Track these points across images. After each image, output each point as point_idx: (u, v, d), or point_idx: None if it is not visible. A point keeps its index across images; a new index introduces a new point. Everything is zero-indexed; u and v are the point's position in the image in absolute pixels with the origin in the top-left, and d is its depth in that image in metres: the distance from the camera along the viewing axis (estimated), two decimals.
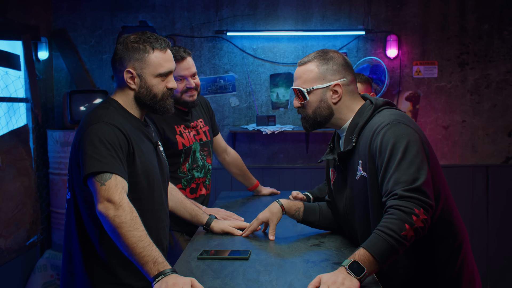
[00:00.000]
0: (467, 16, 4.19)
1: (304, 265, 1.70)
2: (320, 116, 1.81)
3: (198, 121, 2.67)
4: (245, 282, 1.56)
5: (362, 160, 1.72)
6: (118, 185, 1.62)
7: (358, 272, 1.47)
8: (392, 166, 1.59)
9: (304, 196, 2.59)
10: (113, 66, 1.83)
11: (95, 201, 1.62)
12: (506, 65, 4.21)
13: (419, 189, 1.55)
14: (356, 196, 1.78)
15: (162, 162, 1.93)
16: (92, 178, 1.63)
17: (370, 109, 1.76)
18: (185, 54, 2.51)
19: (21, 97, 3.72)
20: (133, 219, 1.58)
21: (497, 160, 4.25)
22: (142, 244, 1.54)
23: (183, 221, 2.55)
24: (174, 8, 4.23)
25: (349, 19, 4.22)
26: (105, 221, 1.59)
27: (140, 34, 1.80)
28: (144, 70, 1.78)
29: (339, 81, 1.79)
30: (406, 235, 1.50)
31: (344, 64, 1.81)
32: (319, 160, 2.21)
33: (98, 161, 1.63)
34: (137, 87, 1.80)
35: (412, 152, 1.60)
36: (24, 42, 3.69)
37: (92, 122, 1.70)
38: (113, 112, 1.76)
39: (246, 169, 2.97)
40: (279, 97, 4.27)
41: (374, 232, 1.54)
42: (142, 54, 1.78)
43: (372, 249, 1.49)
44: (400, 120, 1.66)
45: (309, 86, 1.80)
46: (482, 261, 4.20)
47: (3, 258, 3.37)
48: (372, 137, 1.67)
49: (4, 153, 3.42)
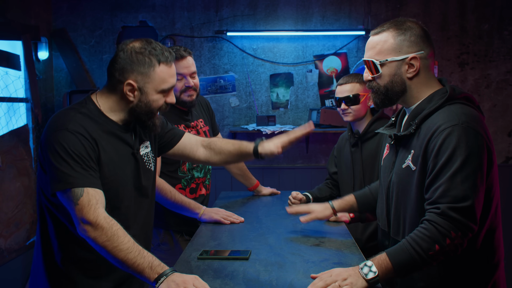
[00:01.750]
0: (467, 16, 4.19)
1: (304, 265, 1.70)
2: (392, 91, 1.65)
3: (198, 121, 2.67)
4: (245, 282, 1.56)
5: (415, 151, 1.59)
6: (91, 200, 1.53)
7: (369, 273, 1.45)
8: (446, 174, 1.46)
9: (303, 196, 2.59)
10: (111, 72, 1.68)
11: (75, 222, 1.55)
12: (506, 65, 4.21)
13: (465, 209, 1.44)
14: (397, 183, 1.67)
15: (140, 168, 1.78)
16: (64, 194, 1.55)
17: (443, 98, 1.58)
18: (185, 53, 2.51)
19: (21, 97, 3.72)
20: (114, 234, 1.52)
21: (497, 160, 4.24)
22: (132, 255, 1.51)
23: (183, 221, 2.55)
24: (174, 8, 4.23)
25: (349, 19, 4.22)
26: (90, 242, 1.54)
27: (145, 43, 1.66)
28: (147, 85, 1.66)
29: (416, 54, 1.61)
30: (433, 256, 1.44)
31: (423, 36, 1.62)
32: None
33: (67, 175, 1.53)
34: (136, 100, 1.67)
35: (472, 166, 1.46)
36: (24, 42, 3.69)
37: (57, 128, 1.58)
38: (83, 117, 1.63)
39: (246, 169, 2.97)
40: (279, 97, 4.27)
41: (403, 241, 1.48)
42: (147, 68, 1.65)
43: (393, 258, 1.46)
44: (471, 124, 1.49)
45: (382, 58, 1.63)
46: None
47: (3, 258, 3.37)
48: (434, 133, 1.52)
49: (4, 153, 3.42)
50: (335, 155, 2.79)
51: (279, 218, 2.36)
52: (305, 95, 4.26)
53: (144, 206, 1.84)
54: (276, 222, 2.27)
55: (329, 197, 2.74)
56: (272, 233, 2.11)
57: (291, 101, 4.27)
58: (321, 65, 4.24)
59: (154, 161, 1.90)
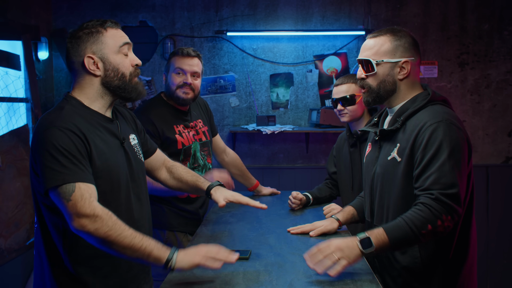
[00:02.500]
0: (467, 16, 4.19)
1: (304, 265, 1.70)
2: (384, 90, 1.82)
3: (198, 121, 2.68)
4: (245, 282, 1.56)
5: (401, 144, 1.75)
6: (84, 194, 1.51)
7: (366, 246, 1.60)
8: (435, 164, 1.63)
9: (303, 196, 2.59)
10: (70, 62, 1.69)
11: (67, 219, 1.52)
12: (506, 65, 4.21)
13: (454, 195, 1.61)
14: (382, 174, 1.82)
15: (131, 159, 1.76)
16: (54, 191, 1.52)
17: (425, 99, 1.78)
18: (193, 53, 2.54)
19: (21, 97, 3.71)
20: (115, 222, 1.51)
21: (497, 160, 4.25)
22: (137, 240, 1.51)
23: (186, 222, 2.56)
24: (174, 8, 4.23)
25: (349, 19, 4.22)
26: (88, 237, 1.51)
27: (86, 22, 1.69)
28: (103, 51, 1.66)
29: (408, 59, 1.81)
30: (425, 234, 1.60)
31: (414, 44, 1.84)
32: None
33: (57, 172, 1.51)
34: (102, 72, 1.67)
35: (457, 156, 1.64)
36: (24, 42, 3.69)
37: (46, 127, 1.57)
38: (68, 113, 1.62)
39: (245, 169, 2.97)
40: (279, 97, 4.27)
41: (398, 219, 1.63)
42: (96, 35, 1.66)
43: (390, 233, 1.61)
44: (453, 121, 1.69)
45: (379, 58, 1.81)
46: (482, 261, 4.19)
47: (3, 258, 3.37)
48: (422, 128, 1.69)
49: (4, 153, 3.42)
50: (334, 155, 2.79)
51: (279, 218, 2.36)
52: (305, 95, 4.26)
53: (142, 197, 1.82)
54: (276, 222, 2.27)
55: (329, 197, 2.74)
56: (272, 233, 2.11)
57: (291, 101, 4.27)
58: (321, 65, 4.24)
59: (142, 153, 1.89)
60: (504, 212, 4.24)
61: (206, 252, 1.57)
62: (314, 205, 2.65)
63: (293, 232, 2.10)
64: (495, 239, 4.24)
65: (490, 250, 4.25)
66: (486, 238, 4.24)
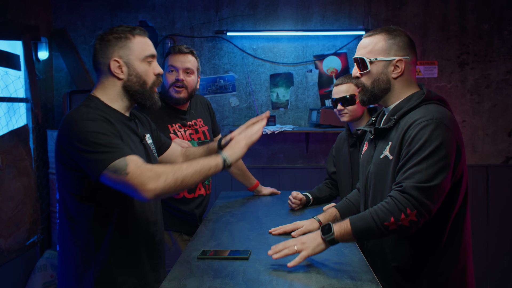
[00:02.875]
0: (467, 16, 4.19)
1: (304, 265, 1.70)
2: (378, 88, 1.82)
3: (197, 120, 2.67)
4: (245, 282, 1.56)
5: (392, 142, 1.75)
6: (137, 162, 1.56)
7: (326, 232, 1.66)
8: (414, 160, 1.63)
9: (303, 196, 2.60)
10: (96, 62, 1.78)
11: (133, 194, 1.56)
12: (506, 65, 4.21)
13: (425, 189, 1.59)
14: (375, 173, 1.83)
15: (150, 156, 1.89)
16: (106, 174, 1.56)
17: (419, 98, 1.77)
18: (185, 50, 2.54)
19: (21, 97, 3.72)
20: (172, 166, 1.60)
21: (497, 160, 4.25)
22: (195, 164, 1.64)
23: (180, 222, 2.55)
24: (174, 8, 4.23)
25: (349, 19, 4.22)
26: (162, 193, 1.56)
27: (116, 27, 1.79)
28: (130, 57, 1.76)
29: (402, 57, 1.80)
30: (388, 226, 1.61)
31: (409, 43, 1.82)
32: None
33: (103, 153, 1.56)
34: (126, 76, 1.76)
35: (439, 155, 1.62)
36: (24, 42, 3.69)
37: (77, 120, 1.63)
38: (94, 110, 1.70)
39: (246, 169, 2.97)
40: (279, 97, 4.27)
41: (366, 211, 1.67)
42: (124, 41, 1.75)
43: (353, 223, 1.65)
44: (444, 121, 1.67)
45: (372, 56, 1.81)
46: (482, 261, 4.20)
47: (3, 258, 3.37)
48: (410, 126, 1.69)
49: (4, 153, 3.42)
50: (333, 155, 2.79)
51: (279, 218, 2.36)
52: (305, 95, 4.26)
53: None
54: (276, 222, 2.27)
55: (328, 197, 2.74)
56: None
57: (291, 101, 4.27)
58: (321, 65, 4.24)
59: (156, 150, 2.02)
60: (504, 212, 4.24)
61: (244, 136, 1.78)
62: (314, 205, 2.65)
63: (275, 233, 2.07)
64: (495, 239, 4.24)
65: (490, 250, 4.25)
66: (486, 238, 4.24)
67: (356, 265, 1.70)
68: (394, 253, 1.79)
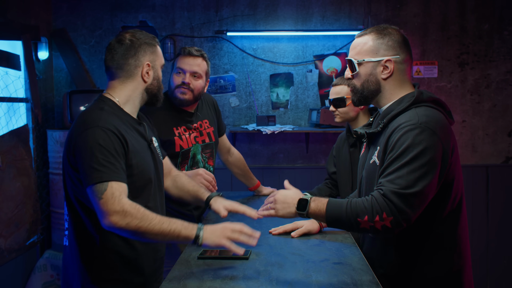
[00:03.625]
0: (467, 16, 4.19)
1: (304, 265, 1.70)
2: (367, 90, 1.77)
3: (203, 121, 2.63)
4: (245, 282, 1.56)
5: (380, 147, 1.70)
6: (114, 193, 1.61)
7: (301, 208, 1.68)
8: (395, 165, 1.58)
9: None
10: (125, 62, 1.81)
11: (98, 217, 1.63)
12: (506, 65, 4.21)
13: (405, 196, 1.54)
14: (366, 178, 1.80)
15: (156, 160, 1.92)
16: (90, 189, 1.63)
17: (410, 100, 1.69)
18: (195, 52, 2.50)
19: (21, 97, 3.72)
20: (143, 214, 1.62)
21: (497, 160, 4.25)
22: (166, 225, 1.63)
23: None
24: (174, 8, 4.23)
25: (349, 19, 4.22)
26: (120, 231, 1.62)
27: (142, 32, 1.88)
28: (156, 62, 1.88)
29: (391, 57, 1.73)
30: (360, 223, 1.58)
31: (400, 41, 1.75)
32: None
33: (95, 170, 1.62)
34: (151, 80, 1.86)
35: (421, 161, 1.56)
36: (24, 42, 3.69)
37: (88, 126, 1.68)
38: (108, 114, 1.74)
39: (248, 169, 2.97)
40: (279, 97, 4.27)
41: (346, 199, 1.65)
42: (153, 47, 1.87)
43: (329, 207, 1.64)
44: (430, 125, 1.60)
45: (360, 58, 1.77)
46: (482, 261, 4.20)
47: (3, 258, 3.37)
48: (395, 130, 1.64)
49: (4, 153, 3.42)
50: (334, 155, 2.79)
51: (279, 218, 2.36)
52: (305, 95, 4.26)
53: (163, 194, 1.99)
54: (276, 222, 2.26)
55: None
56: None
57: (291, 101, 4.27)
58: (321, 65, 4.24)
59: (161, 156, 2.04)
60: (504, 212, 4.24)
61: (231, 232, 1.68)
62: None
63: (275, 233, 2.08)
64: (495, 239, 4.24)
65: (490, 250, 4.25)
66: (486, 238, 4.24)
67: (356, 265, 1.70)
68: (380, 260, 1.75)
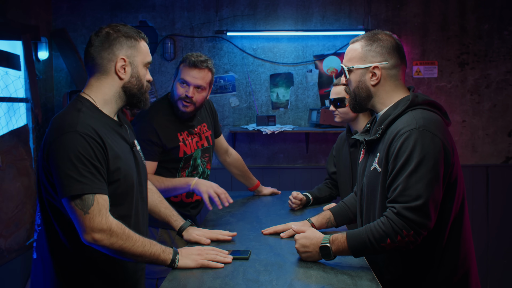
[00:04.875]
0: (467, 16, 4.19)
1: (304, 265, 1.70)
2: (359, 96, 1.79)
3: (202, 125, 2.64)
4: (245, 282, 1.56)
5: (380, 154, 1.70)
6: (101, 209, 1.54)
7: (325, 256, 1.70)
8: (402, 175, 1.59)
9: (303, 196, 2.59)
10: (94, 58, 1.68)
11: (79, 230, 1.54)
12: (506, 65, 4.21)
13: (418, 208, 1.56)
14: (367, 185, 1.79)
15: (139, 164, 1.81)
16: (71, 201, 1.52)
17: (405, 104, 1.69)
18: (201, 65, 2.40)
19: (21, 97, 3.71)
20: (128, 235, 1.58)
21: (497, 160, 4.25)
22: (147, 247, 1.63)
23: None
24: (174, 8, 4.23)
25: (349, 19, 4.22)
26: (102, 249, 1.57)
27: (119, 25, 1.73)
28: (136, 58, 1.71)
29: (378, 64, 1.73)
30: (384, 247, 1.61)
31: (390, 48, 1.74)
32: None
33: (76, 181, 1.51)
34: (128, 77, 1.70)
35: (426, 166, 1.57)
36: (24, 42, 3.69)
37: (65, 131, 1.55)
38: (85, 116, 1.61)
39: (247, 170, 2.97)
40: (279, 97, 4.27)
41: (364, 227, 1.66)
42: (133, 42, 1.71)
43: (349, 241, 1.66)
44: (428, 127, 1.61)
45: (350, 65, 1.79)
46: (482, 261, 4.19)
47: (3, 258, 3.37)
48: (395, 137, 1.64)
49: (4, 153, 3.42)
50: (334, 155, 2.79)
51: (279, 218, 2.36)
52: (305, 95, 4.26)
53: (145, 200, 1.86)
54: (276, 222, 2.27)
55: (328, 197, 2.74)
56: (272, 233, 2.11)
57: (291, 101, 4.27)
58: (321, 65, 4.24)
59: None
60: (504, 212, 4.24)
61: (204, 255, 1.73)
62: (314, 205, 2.65)
63: (266, 233, 2.09)
64: (495, 239, 4.24)
65: (490, 250, 4.25)
66: (486, 238, 4.24)
67: (356, 265, 1.70)
68: (387, 266, 1.74)
